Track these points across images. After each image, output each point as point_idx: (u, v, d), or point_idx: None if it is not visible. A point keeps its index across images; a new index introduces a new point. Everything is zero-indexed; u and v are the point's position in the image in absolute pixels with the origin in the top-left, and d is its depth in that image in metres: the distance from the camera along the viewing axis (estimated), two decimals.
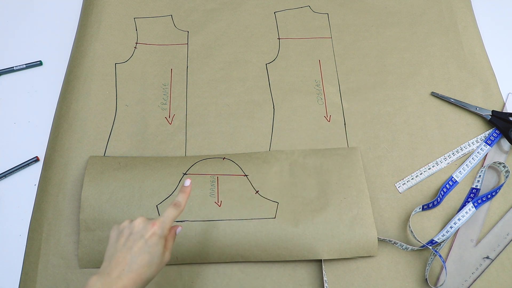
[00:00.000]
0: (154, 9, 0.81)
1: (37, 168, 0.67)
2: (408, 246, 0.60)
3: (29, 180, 0.66)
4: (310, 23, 0.80)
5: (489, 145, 0.67)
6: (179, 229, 0.49)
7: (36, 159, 0.68)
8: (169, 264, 0.58)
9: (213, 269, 0.59)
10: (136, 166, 0.64)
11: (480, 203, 0.63)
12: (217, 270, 0.59)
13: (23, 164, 0.67)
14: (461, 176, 0.66)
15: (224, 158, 0.66)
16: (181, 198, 0.48)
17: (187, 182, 0.50)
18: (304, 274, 0.59)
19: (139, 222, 0.44)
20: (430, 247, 0.59)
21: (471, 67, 0.75)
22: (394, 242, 0.60)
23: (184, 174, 0.64)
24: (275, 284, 0.58)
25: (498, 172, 0.66)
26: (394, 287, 0.58)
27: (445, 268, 0.58)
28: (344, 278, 0.59)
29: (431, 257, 0.59)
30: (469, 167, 0.66)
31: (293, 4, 0.82)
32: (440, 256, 0.58)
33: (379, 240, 0.61)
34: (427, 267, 0.59)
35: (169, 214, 0.46)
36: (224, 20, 0.80)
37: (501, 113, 0.70)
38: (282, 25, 0.80)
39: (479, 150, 0.68)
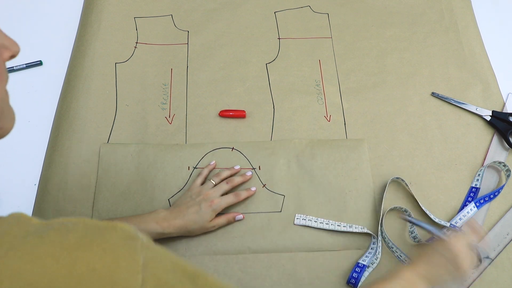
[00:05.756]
0: (154, 9, 0.81)
1: (37, 168, 0.67)
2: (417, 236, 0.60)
3: (29, 180, 0.66)
4: (310, 23, 0.80)
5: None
6: (239, 217, 0.62)
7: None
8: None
9: (213, 269, 0.59)
10: (147, 158, 0.66)
11: (483, 203, 0.63)
12: (217, 269, 0.59)
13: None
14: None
15: (233, 148, 0.67)
16: (243, 194, 0.62)
17: (249, 172, 0.64)
18: (304, 274, 0.59)
19: (207, 194, 0.59)
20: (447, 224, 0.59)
21: (471, 67, 0.75)
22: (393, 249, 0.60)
23: (195, 168, 0.65)
24: (275, 284, 0.59)
25: (498, 171, 0.67)
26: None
27: None
28: (344, 278, 0.59)
29: None
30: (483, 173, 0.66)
31: (293, 4, 0.82)
32: (455, 226, 0.59)
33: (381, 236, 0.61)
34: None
35: (227, 199, 0.60)
36: (224, 20, 0.80)
37: (501, 113, 0.70)
38: (282, 25, 0.80)
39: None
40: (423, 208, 0.62)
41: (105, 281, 0.27)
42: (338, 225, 0.61)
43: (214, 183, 0.62)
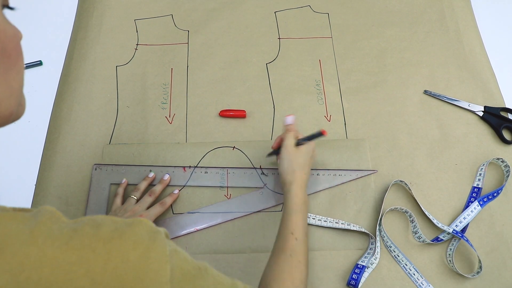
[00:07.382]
0: (154, 9, 0.81)
1: (37, 167, 0.67)
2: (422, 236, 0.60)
3: (28, 180, 0.66)
4: (311, 22, 0.80)
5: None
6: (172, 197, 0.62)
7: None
8: None
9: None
10: (149, 157, 0.66)
11: (486, 201, 0.63)
12: (218, 269, 0.58)
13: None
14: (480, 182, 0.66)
15: (234, 147, 0.67)
16: (169, 200, 0.61)
17: (166, 176, 0.63)
18: None
19: (133, 210, 0.58)
20: (451, 232, 0.59)
21: (471, 67, 0.75)
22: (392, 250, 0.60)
23: (195, 167, 0.66)
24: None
25: (497, 168, 0.67)
26: (394, 287, 0.58)
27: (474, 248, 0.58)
28: (344, 278, 0.59)
29: (449, 247, 0.60)
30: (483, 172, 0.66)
31: (294, 4, 0.82)
32: (466, 240, 0.59)
33: (380, 235, 0.61)
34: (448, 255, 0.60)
35: (155, 211, 0.59)
36: (224, 19, 0.80)
37: (492, 108, 0.70)
38: (282, 25, 0.80)
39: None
40: (423, 209, 0.62)
41: (138, 271, 0.28)
42: (336, 223, 0.61)
43: (136, 198, 0.60)
